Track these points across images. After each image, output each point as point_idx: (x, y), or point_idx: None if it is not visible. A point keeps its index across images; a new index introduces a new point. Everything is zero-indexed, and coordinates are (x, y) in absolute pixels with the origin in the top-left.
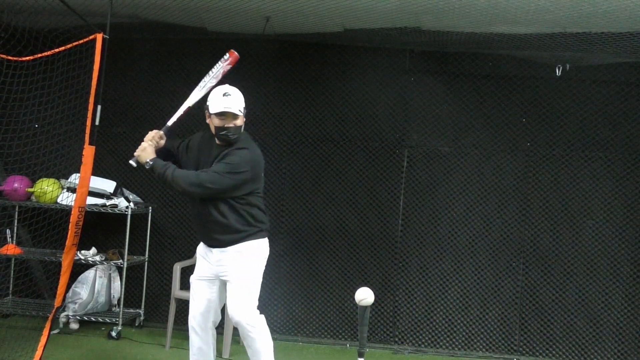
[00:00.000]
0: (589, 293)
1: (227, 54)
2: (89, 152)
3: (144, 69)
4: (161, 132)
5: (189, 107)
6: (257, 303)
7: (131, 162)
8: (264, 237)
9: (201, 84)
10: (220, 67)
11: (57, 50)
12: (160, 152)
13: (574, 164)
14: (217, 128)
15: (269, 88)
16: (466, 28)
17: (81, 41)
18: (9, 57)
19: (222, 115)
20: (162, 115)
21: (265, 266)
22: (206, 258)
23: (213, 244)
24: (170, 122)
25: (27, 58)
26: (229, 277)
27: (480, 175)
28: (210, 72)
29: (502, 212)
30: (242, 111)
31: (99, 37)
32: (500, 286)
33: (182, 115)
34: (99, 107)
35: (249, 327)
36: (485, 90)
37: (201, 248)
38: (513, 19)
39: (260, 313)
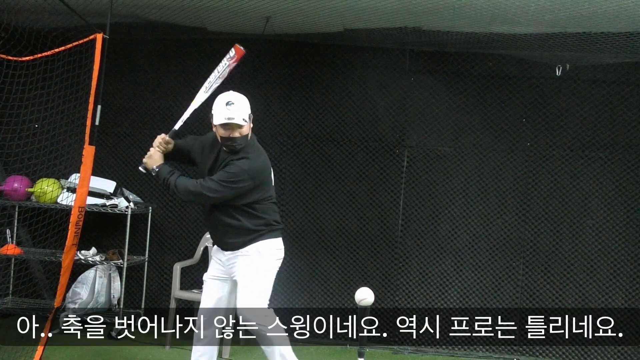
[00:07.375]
0: (589, 293)
1: (233, 50)
2: (89, 152)
3: (144, 69)
4: (168, 137)
5: (195, 109)
6: (267, 302)
7: (140, 168)
8: (276, 236)
9: (206, 84)
10: (227, 66)
11: (57, 50)
12: (171, 153)
13: (574, 164)
14: (222, 138)
15: (269, 88)
16: (466, 28)
17: (81, 41)
18: (9, 57)
19: (226, 126)
20: (162, 115)
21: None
22: (219, 258)
23: (225, 247)
24: (177, 126)
25: (27, 58)
26: (239, 276)
27: (480, 175)
28: (215, 71)
29: (502, 212)
30: (247, 120)
31: (99, 37)
32: (500, 286)
33: (188, 117)
34: (99, 107)
35: (261, 326)
36: (485, 90)
37: (214, 249)
38: (513, 19)
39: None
